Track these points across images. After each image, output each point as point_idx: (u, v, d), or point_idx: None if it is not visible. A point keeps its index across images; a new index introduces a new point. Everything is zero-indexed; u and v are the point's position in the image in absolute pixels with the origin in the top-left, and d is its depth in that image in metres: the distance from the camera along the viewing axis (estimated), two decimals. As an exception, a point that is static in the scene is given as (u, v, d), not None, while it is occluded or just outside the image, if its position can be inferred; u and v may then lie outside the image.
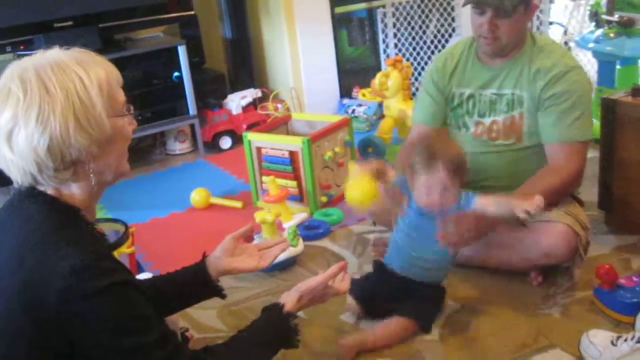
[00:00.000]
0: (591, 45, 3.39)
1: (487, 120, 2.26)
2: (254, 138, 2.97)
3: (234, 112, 3.96)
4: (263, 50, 4.33)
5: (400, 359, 1.86)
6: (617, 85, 3.35)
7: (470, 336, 1.95)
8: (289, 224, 2.59)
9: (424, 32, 4.28)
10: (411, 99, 3.64)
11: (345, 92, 4.31)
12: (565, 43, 4.33)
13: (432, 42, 4.28)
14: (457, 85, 2.30)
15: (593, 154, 2.63)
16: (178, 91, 3.74)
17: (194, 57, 3.98)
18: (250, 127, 3.71)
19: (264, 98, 4.12)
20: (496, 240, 2.15)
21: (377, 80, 3.56)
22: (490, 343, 1.90)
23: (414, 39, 4.26)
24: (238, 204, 3.06)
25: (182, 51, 3.67)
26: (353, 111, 4.04)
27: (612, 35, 3.31)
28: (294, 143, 2.85)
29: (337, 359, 1.89)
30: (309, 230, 2.67)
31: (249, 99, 4.02)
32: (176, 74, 3.74)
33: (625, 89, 2.42)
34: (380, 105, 3.92)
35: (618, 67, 3.42)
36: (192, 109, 3.77)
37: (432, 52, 4.25)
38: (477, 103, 2.27)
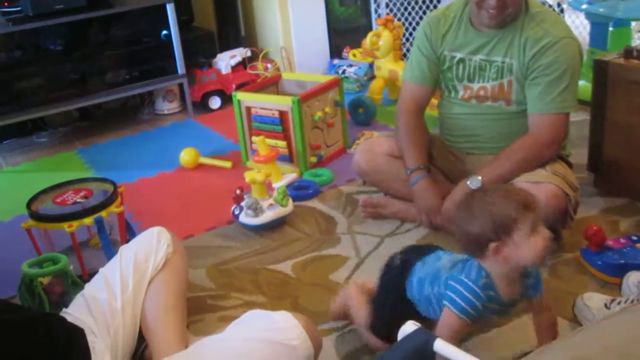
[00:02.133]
0: (584, 6, 3.36)
1: (476, 86, 2.25)
2: (243, 98, 2.95)
3: (224, 72, 3.93)
4: (252, 9, 4.28)
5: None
6: (610, 47, 3.33)
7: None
8: (279, 184, 2.59)
9: (416, -8, 4.23)
10: (402, 59, 3.61)
11: (336, 52, 4.27)
12: (559, 4, 4.29)
13: (423, 1, 4.23)
14: (448, 48, 2.28)
15: (583, 116, 2.64)
16: (166, 50, 3.69)
17: (183, 16, 3.92)
18: (240, 87, 3.68)
19: (253, 58, 4.08)
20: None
21: (368, 40, 3.52)
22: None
23: (405, -2, 4.21)
24: (227, 164, 3.05)
25: (170, 9, 3.61)
26: (343, 71, 4.01)
27: (605, -4, 3.29)
28: (284, 103, 2.82)
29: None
30: (299, 191, 2.67)
31: (238, 59, 3.98)
32: (164, 32, 3.69)
33: (618, 51, 2.40)
34: (371, 65, 3.89)
35: (611, 28, 3.40)
36: (181, 68, 3.72)
37: (424, 12, 4.20)
38: (467, 68, 2.25)
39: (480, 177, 2.08)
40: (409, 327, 1.34)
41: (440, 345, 1.27)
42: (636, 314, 1.02)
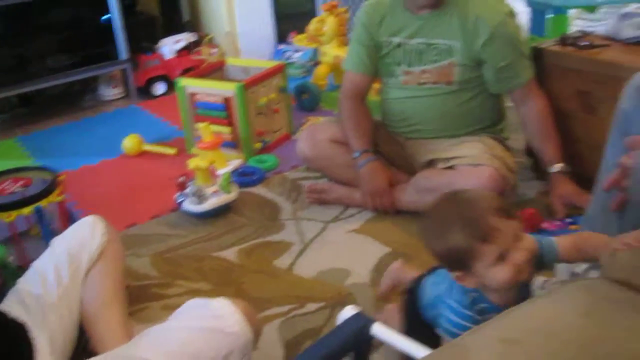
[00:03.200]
0: (524, -7, 3.43)
1: (417, 70, 2.28)
2: (187, 84, 2.92)
3: (167, 57, 3.88)
4: (196, -8, 4.24)
5: (331, 303, 1.90)
6: (548, 34, 3.41)
7: (399, 279, 1.99)
8: (223, 170, 2.57)
9: (361, -23, 4.24)
10: (347, 45, 3.62)
11: (282, 37, 4.26)
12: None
13: (368, -13, 4.24)
14: (386, 33, 2.30)
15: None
16: (108, 35, 3.63)
17: (125, 0, 3.85)
18: (185, 72, 3.65)
19: (198, 43, 4.04)
20: (426, 184, 2.21)
21: (312, 26, 3.53)
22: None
23: (351, -17, 4.22)
24: (172, 151, 3.03)
25: (111, -7, 3.55)
26: (289, 57, 4.01)
27: (543, -16, 3.35)
28: (228, 89, 2.81)
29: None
30: (244, 177, 2.67)
31: (182, 44, 3.93)
32: (106, 16, 3.62)
33: (554, 38, 2.46)
34: (316, 51, 3.89)
35: (549, 16, 3.48)
36: (123, 53, 3.66)
37: (369, -2, 4.21)
38: (406, 52, 2.28)
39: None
40: (348, 311, 1.37)
41: (378, 329, 1.30)
42: (560, 293, 1.06)
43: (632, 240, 1.24)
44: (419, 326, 1.49)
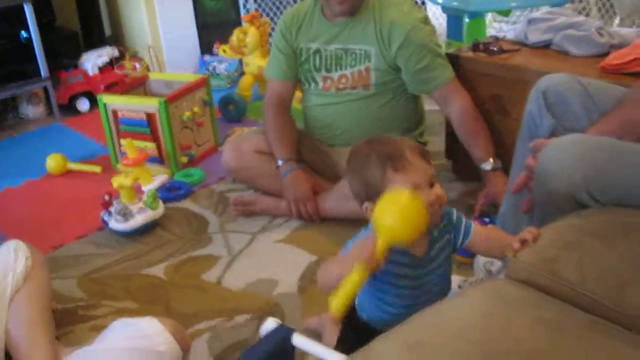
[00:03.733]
0: (440, 0, 3.52)
1: (335, 75, 2.34)
2: (109, 101, 2.90)
3: (90, 73, 3.82)
4: (118, 6, 4.19)
5: (259, 314, 1.92)
6: (466, 39, 3.51)
7: (326, 287, 2.03)
8: (149, 186, 2.57)
9: (284, -13, 4.29)
10: (270, 55, 3.65)
11: (206, 48, 4.25)
12: (419, -4, 4.47)
13: (291, -4, 4.30)
14: (304, 40, 2.36)
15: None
16: (27, 52, 3.55)
17: (44, 16, 3.79)
18: (109, 88, 3.61)
19: (121, 57, 4.00)
20: (348, 191, 2.25)
21: (234, 37, 3.54)
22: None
23: (274, -7, 4.26)
24: (97, 169, 2.99)
25: (28, 9, 3.47)
26: (214, 68, 4.01)
27: (459, -10, 3.45)
28: (150, 104, 2.80)
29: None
30: (170, 192, 2.66)
31: (105, 59, 3.88)
32: (24, 34, 3.55)
33: (467, 44, 2.55)
34: (241, 61, 3.91)
35: (467, 20, 3.59)
36: (44, 70, 3.59)
37: (292, 7, 4.25)
38: (324, 58, 2.34)
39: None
40: (270, 324, 1.40)
41: (298, 340, 1.34)
42: (465, 296, 1.12)
43: (527, 236, 1.32)
44: (356, 328, 1.51)
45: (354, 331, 1.50)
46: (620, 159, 1.42)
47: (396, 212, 1.22)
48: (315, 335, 1.75)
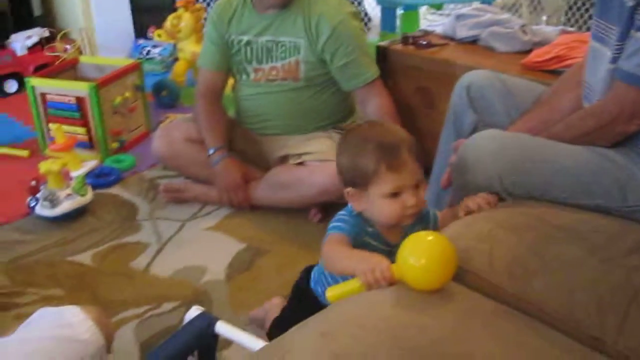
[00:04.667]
0: (374, -9, 3.58)
1: (266, 67, 2.35)
2: (37, 84, 2.84)
3: (19, 53, 3.73)
4: (49, -14, 4.09)
5: (186, 302, 1.93)
6: (400, 30, 3.58)
7: (253, 275, 2.06)
8: (78, 172, 2.54)
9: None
10: (205, 41, 3.63)
11: (141, 32, 4.20)
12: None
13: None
14: (235, 32, 2.36)
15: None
16: (-48, 32, 3.45)
17: (-31, -6, 3.67)
18: (39, 69, 3.53)
19: (52, 38, 3.91)
20: (278, 180, 2.30)
21: (168, 22, 3.51)
22: (273, 279, 2.02)
23: (209, -22, 4.23)
24: (24, 153, 2.93)
25: (-47, -13, 3.37)
26: (148, 52, 3.96)
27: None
28: (81, 89, 2.76)
29: None
30: (99, 178, 2.64)
31: (34, 39, 3.79)
32: (-52, 12, 3.44)
33: (396, 37, 2.61)
34: (175, 46, 3.88)
35: (401, 12, 3.65)
36: (-31, 50, 3.50)
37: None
38: (255, 50, 2.35)
39: None
40: (193, 311, 1.42)
41: (222, 327, 1.36)
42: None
43: (471, 204, 1.41)
44: (307, 304, 1.47)
45: (304, 304, 1.49)
46: (532, 155, 1.49)
47: (434, 266, 1.10)
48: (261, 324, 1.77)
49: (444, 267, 1.10)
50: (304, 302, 1.54)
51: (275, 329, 1.59)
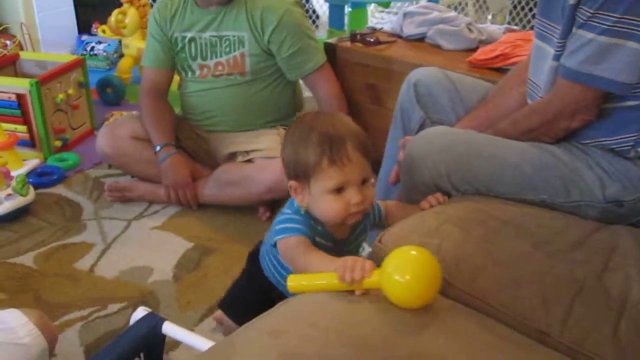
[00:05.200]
0: (322, -11, 3.58)
1: (211, 63, 2.33)
2: (-25, 80, 2.75)
3: (-44, 49, 3.61)
4: (-13, -21, 3.96)
5: (133, 302, 1.89)
6: (348, 27, 3.59)
7: (201, 274, 2.03)
8: (19, 171, 2.47)
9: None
10: (151, 37, 3.57)
11: (85, 27, 4.11)
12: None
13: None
14: (178, 29, 2.33)
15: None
16: None
17: None
18: (-24, 66, 3.41)
19: (-9, 33, 3.79)
20: (225, 178, 2.28)
21: (113, 18, 3.44)
22: (221, 279, 2.00)
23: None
24: (-38, 152, 2.83)
25: None
26: (92, 48, 3.88)
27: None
28: (21, 85, 2.68)
29: None
30: (42, 177, 2.57)
31: (-28, 34, 3.67)
32: None
33: (344, 34, 2.61)
34: (120, 42, 3.80)
35: (349, 9, 3.66)
36: None
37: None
38: (199, 46, 2.32)
39: None
40: (139, 312, 1.39)
41: (169, 328, 1.34)
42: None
43: (432, 201, 1.44)
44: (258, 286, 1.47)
45: (257, 289, 1.47)
46: (479, 151, 1.51)
47: (419, 284, 1.05)
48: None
49: (430, 291, 1.05)
50: (255, 277, 1.49)
51: (228, 303, 1.60)
